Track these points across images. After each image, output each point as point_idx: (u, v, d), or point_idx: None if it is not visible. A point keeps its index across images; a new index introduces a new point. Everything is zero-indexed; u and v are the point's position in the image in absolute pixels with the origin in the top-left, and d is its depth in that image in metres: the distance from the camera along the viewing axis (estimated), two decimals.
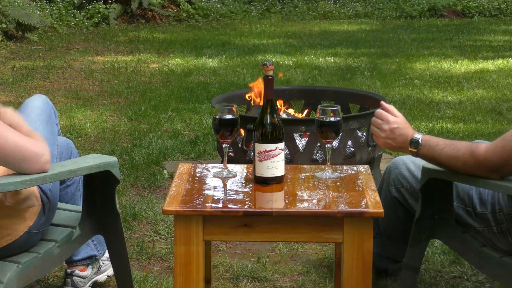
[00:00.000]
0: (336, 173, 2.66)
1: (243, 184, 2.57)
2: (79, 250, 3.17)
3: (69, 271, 3.20)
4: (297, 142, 4.28)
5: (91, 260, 3.21)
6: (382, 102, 2.75)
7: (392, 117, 2.67)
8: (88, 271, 3.21)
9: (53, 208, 2.75)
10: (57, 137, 3.02)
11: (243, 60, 9.18)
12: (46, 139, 2.91)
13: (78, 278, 3.19)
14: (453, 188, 2.77)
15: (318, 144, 4.23)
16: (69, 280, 3.20)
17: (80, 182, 3.06)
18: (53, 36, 11.09)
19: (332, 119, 2.61)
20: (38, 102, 3.03)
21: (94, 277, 3.24)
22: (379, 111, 2.71)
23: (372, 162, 4.37)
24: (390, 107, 2.71)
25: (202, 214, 2.35)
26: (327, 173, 2.65)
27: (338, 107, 2.63)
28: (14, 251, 2.61)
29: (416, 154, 2.62)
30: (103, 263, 3.26)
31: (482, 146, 2.50)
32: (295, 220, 2.37)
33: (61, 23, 11.97)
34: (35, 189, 2.68)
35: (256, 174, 2.54)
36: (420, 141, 2.60)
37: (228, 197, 2.45)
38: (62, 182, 3.03)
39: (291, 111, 4.76)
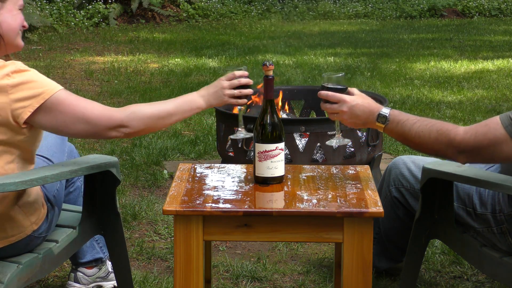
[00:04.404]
0: (346, 140, 2.65)
1: (243, 184, 2.58)
2: (84, 253, 3.17)
3: (74, 266, 3.20)
4: (297, 142, 4.28)
5: (97, 262, 3.22)
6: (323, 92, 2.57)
7: (347, 96, 2.55)
8: (94, 270, 3.21)
9: (56, 215, 2.76)
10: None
11: (243, 60, 9.19)
12: (57, 146, 2.93)
13: (82, 275, 3.20)
14: (453, 188, 2.77)
15: (318, 144, 4.23)
16: (72, 274, 3.21)
17: (82, 187, 3.07)
18: (53, 36, 11.09)
19: (338, 86, 2.57)
20: None
21: (100, 281, 3.24)
22: (330, 94, 2.55)
23: (372, 162, 4.37)
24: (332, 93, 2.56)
25: (202, 214, 2.35)
26: (337, 141, 2.64)
27: (342, 74, 2.60)
28: (13, 253, 2.61)
29: (383, 130, 2.54)
30: (111, 270, 3.25)
31: (461, 127, 2.44)
32: (295, 220, 2.37)
33: (61, 23, 11.97)
34: (41, 194, 2.69)
35: (256, 174, 2.54)
36: (388, 116, 2.52)
37: (228, 197, 2.45)
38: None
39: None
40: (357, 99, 2.55)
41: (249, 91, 2.64)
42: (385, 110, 2.54)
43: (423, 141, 2.48)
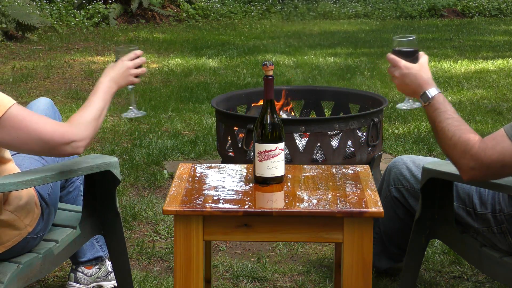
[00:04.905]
0: (417, 104, 2.62)
1: (243, 184, 2.58)
2: (84, 252, 3.17)
3: (74, 266, 3.20)
4: (297, 142, 4.28)
5: (97, 261, 3.22)
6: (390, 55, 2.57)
7: (404, 63, 2.51)
8: (93, 270, 3.21)
9: (52, 213, 2.76)
10: None
11: (243, 60, 9.18)
12: None
13: (81, 275, 3.20)
14: (453, 188, 2.77)
15: (318, 144, 4.24)
16: (72, 274, 3.21)
17: (81, 187, 3.06)
18: (53, 36, 11.09)
19: (410, 49, 2.54)
20: (42, 105, 3.05)
21: (100, 281, 3.24)
22: (390, 57, 2.54)
23: (372, 162, 4.37)
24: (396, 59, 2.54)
25: (202, 214, 2.35)
26: (407, 104, 2.62)
27: (412, 37, 2.57)
28: (12, 255, 2.61)
29: (423, 107, 2.51)
30: (111, 270, 3.25)
31: (478, 142, 2.37)
32: (295, 220, 2.37)
33: (61, 23, 11.97)
34: (34, 194, 2.69)
35: (256, 174, 2.54)
36: (430, 99, 2.47)
37: (228, 197, 2.45)
38: (63, 188, 3.03)
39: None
40: (413, 67, 2.51)
41: (145, 69, 2.77)
42: (432, 92, 2.47)
43: (444, 140, 2.42)
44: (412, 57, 2.53)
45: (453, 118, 2.43)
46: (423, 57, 2.54)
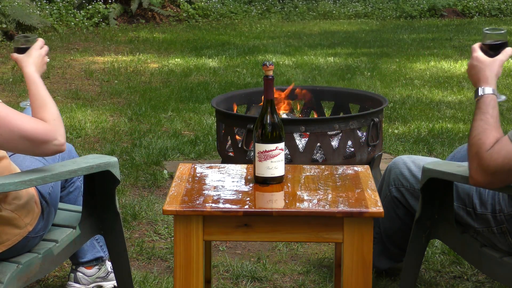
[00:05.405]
0: (503, 96, 2.69)
1: (243, 184, 2.58)
2: (85, 252, 3.17)
3: (74, 266, 3.20)
4: (297, 142, 4.28)
5: (98, 261, 3.22)
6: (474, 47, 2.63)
7: (476, 54, 2.59)
8: (93, 270, 3.21)
9: (52, 212, 2.75)
10: None
11: (243, 60, 9.18)
12: None
13: (81, 275, 3.20)
14: (453, 188, 2.77)
15: (318, 144, 4.23)
16: (72, 274, 3.21)
17: (81, 187, 3.06)
18: (53, 36, 11.09)
19: (493, 42, 2.59)
20: None
21: (100, 281, 3.24)
22: (473, 46, 2.63)
23: (372, 162, 4.37)
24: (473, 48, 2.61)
25: (202, 214, 2.35)
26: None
27: (502, 31, 2.62)
28: (12, 254, 2.61)
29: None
30: (111, 270, 3.24)
31: (488, 147, 2.40)
32: (295, 220, 2.37)
33: (61, 23, 11.97)
34: (34, 193, 2.68)
35: (256, 174, 2.54)
36: (479, 96, 2.55)
37: (228, 197, 2.45)
38: (63, 188, 3.03)
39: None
40: (482, 62, 2.57)
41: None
42: (486, 91, 2.56)
43: (469, 137, 2.48)
44: (495, 50, 2.60)
45: (486, 121, 2.48)
46: (503, 54, 2.60)
